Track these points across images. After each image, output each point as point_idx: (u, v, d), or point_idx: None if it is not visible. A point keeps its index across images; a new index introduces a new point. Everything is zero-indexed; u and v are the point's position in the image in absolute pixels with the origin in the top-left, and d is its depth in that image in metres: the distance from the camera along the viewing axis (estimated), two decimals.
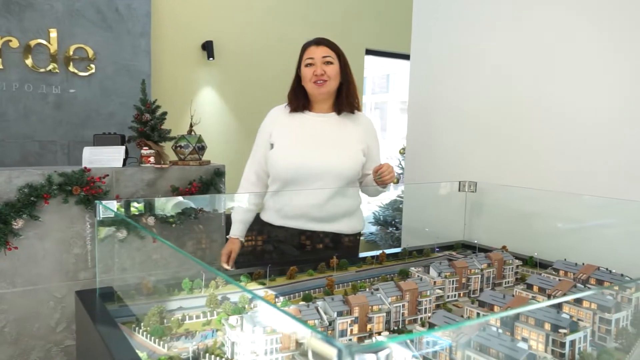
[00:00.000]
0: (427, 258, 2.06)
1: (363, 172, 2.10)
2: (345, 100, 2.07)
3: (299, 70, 2.07)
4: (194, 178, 2.75)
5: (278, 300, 1.50)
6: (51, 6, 3.54)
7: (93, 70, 3.71)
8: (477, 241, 2.21)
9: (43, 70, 3.54)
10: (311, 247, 2.06)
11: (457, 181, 2.45)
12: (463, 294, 1.63)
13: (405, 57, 5.31)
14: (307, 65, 2.02)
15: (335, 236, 2.07)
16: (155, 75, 4.13)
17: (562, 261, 1.74)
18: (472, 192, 2.41)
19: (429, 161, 2.80)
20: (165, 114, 2.79)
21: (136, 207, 2.07)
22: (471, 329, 1.07)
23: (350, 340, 1.25)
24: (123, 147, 2.68)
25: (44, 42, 3.53)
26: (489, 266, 1.73)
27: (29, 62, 3.49)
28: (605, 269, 1.62)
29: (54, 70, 3.57)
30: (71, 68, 3.63)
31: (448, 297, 1.59)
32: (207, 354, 1.14)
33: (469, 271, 1.66)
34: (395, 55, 5.74)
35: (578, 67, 2.09)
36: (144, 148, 2.71)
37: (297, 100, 2.08)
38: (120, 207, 1.71)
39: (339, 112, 2.08)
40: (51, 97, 3.59)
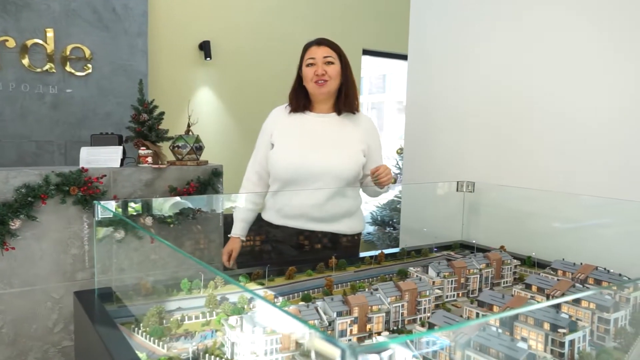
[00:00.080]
0: (426, 258, 2.07)
1: (364, 173, 2.10)
2: (345, 100, 2.07)
3: (300, 70, 2.07)
4: (192, 178, 2.75)
5: (277, 300, 1.50)
6: (48, 6, 3.53)
7: (90, 70, 3.70)
8: (475, 241, 2.22)
9: (40, 70, 3.52)
10: (310, 247, 2.06)
11: (455, 181, 2.46)
12: (462, 294, 1.63)
13: (402, 57, 5.33)
14: (309, 65, 2.02)
15: (335, 236, 2.07)
16: (152, 75, 4.12)
17: (561, 261, 1.75)
18: (470, 192, 2.41)
19: (427, 161, 2.81)
20: (162, 114, 2.78)
21: (134, 208, 2.07)
22: (471, 329, 1.07)
23: (350, 340, 1.25)
24: (120, 147, 2.67)
25: (41, 42, 3.51)
26: (488, 266, 1.73)
27: (26, 62, 3.47)
28: (603, 269, 1.63)
29: (51, 70, 3.56)
30: (68, 68, 3.61)
31: (447, 297, 1.60)
32: (207, 355, 1.14)
33: (468, 271, 1.66)
34: (392, 55, 5.75)
35: (578, 67, 2.09)
36: (142, 148, 2.70)
37: (298, 100, 2.09)
38: (118, 208, 1.71)
39: (340, 113, 2.09)
40: (48, 97, 3.58)
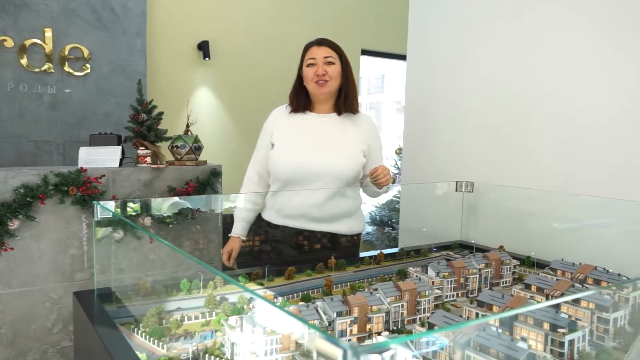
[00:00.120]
0: (425, 258, 2.07)
1: (364, 173, 2.10)
2: (346, 100, 2.07)
3: (301, 70, 2.07)
4: (191, 178, 2.75)
5: (277, 300, 1.50)
6: (46, 6, 3.52)
7: (88, 70, 3.70)
8: (475, 241, 2.22)
9: (38, 70, 3.52)
10: (310, 247, 2.06)
11: (454, 181, 2.46)
12: (461, 294, 1.63)
13: (400, 58, 5.34)
14: (309, 65, 2.02)
15: (334, 236, 2.07)
16: (151, 75, 4.12)
17: (560, 261, 1.75)
18: (469, 192, 2.41)
19: (426, 161, 2.81)
20: (161, 114, 2.78)
21: (133, 208, 2.07)
22: (471, 329, 1.07)
23: (350, 340, 1.25)
24: (119, 147, 2.67)
25: (39, 42, 3.51)
26: (487, 266, 1.74)
27: (24, 62, 3.47)
28: (602, 269, 1.63)
29: (49, 70, 3.55)
30: (66, 68, 3.61)
31: (446, 297, 1.60)
32: (207, 355, 1.14)
33: (467, 271, 1.66)
34: (390, 55, 5.75)
35: (578, 67, 2.09)
36: (141, 148, 2.69)
37: (299, 100, 2.09)
38: (117, 208, 1.70)
39: (340, 113, 2.08)
40: (46, 97, 3.57)
